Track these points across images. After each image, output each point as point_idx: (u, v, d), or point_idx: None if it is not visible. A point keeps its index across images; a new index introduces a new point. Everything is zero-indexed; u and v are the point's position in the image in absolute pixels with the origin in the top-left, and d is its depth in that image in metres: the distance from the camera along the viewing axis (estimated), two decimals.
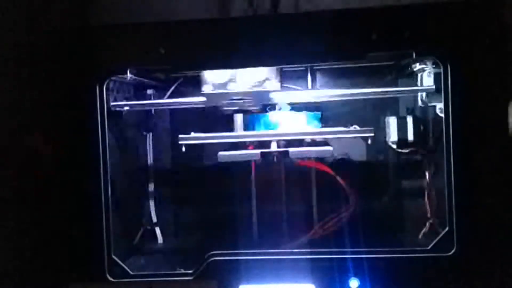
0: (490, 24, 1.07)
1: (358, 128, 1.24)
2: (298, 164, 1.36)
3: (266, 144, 1.26)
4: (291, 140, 1.27)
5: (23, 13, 1.20)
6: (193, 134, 1.26)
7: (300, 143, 1.28)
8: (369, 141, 1.21)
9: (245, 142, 1.31)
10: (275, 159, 1.27)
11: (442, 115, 1.17)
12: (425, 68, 1.23)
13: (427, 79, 1.24)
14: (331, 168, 1.36)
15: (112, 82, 1.28)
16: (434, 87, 1.22)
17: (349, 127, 1.26)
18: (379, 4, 1.11)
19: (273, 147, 1.25)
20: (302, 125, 1.30)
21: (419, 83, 1.28)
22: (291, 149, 1.22)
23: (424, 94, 1.28)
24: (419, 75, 1.28)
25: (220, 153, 1.24)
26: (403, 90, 1.35)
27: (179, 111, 1.50)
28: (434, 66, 1.21)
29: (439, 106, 1.19)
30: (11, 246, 1.16)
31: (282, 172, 1.43)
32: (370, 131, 1.21)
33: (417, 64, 1.25)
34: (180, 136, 1.25)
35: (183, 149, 1.24)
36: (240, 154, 1.26)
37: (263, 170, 1.41)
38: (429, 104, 1.27)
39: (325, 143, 1.29)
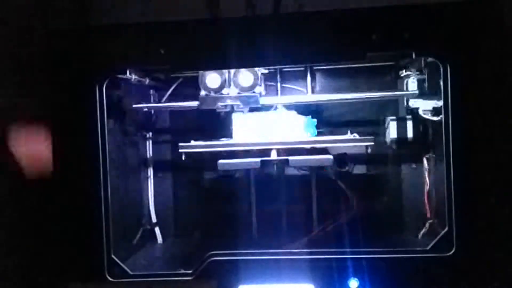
0: (490, 24, 1.07)
1: (357, 136, 1.24)
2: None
3: (266, 151, 1.26)
4: (291, 148, 1.27)
5: (23, 13, 1.20)
6: (193, 142, 1.26)
7: (299, 150, 1.28)
8: (369, 150, 1.21)
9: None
10: (275, 167, 1.27)
11: (425, 116, 1.26)
12: (410, 75, 1.30)
13: (411, 84, 1.31)
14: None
15: (129, 84, 1.30)
16: (417, 91, 1.27)
17: (348, 133, 1.26)
18: (379, 4, 1.11)
19: (273, 155, 1.25)
20: (300, 130, 1.29)
21: (405, 88, 1.33)
22: (291, 158, 1.22)
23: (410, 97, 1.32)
24: (405, 80, 1.33)
25: (220, 161, 1.24)
26: (391, 94, 1.37)
27: (179, 111, 1.50)
28: (417, 73, 1.28)
29: (422, 108, 1.27)
30: (11, 245, 1.16)
31: (282, 175, 1.43)
32: (370, 140, 1.20)
33: (404, 71, 1.31)
34: (180, 144, 1.25)
35: (183, 157, 1.24)
36: (240, 163, 1.26)
37: (263, 173, 1.40)
38: (412, 106, 1.31)
39: (325, 150, 1.28)
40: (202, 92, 1.28)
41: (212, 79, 1.26)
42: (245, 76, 1.26)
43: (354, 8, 1.12)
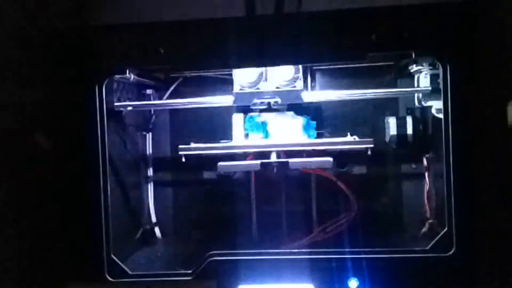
0: (490, 24, 1.07)
1: (357, 139, 1.23)
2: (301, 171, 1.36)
3: (266, 153, 1.26)
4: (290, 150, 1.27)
5: (23, 13, 1.20)
6: (193, 145, 1.26)
7: (299, 152, 1.28)
8: (369, 152, 1.21)
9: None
10: (274, 170, 1.27)
11: (438, 115, 1.20)
12: (422, 70, 1.26)
13: (423, 80, 1.26)
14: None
15: (116, 83, 1.28)
16: (430, 88, 1.25)
17: (348, 135, 1.26)
18: (379, 4, 1.11)
19: (273, 158, 1.24)
20: (299, 131, 1.29)
21: (415, 84, 1.30)
22: (291, 160, 1.22)
23: (420, 94, 1.30)
24: (416, 76, 1.30)
25: (220, 163, 1.24)
26: (401, 91, 1.36)
27: (179, 111, 1.50)
28: (430, 67, 1.24)
29: (435, 106, 1.22)
30: (11, 246, 1.16)
31: (281, 177, 1.43)
32: (369, 142, 1.20)
33: (414, 65, 1.27)
34: (180, 146, 1.25)
35: (183, 159, 1.24)
36: (240, 165, 1.26)
37: (263, 175, 1.40)
38: (425, 104, 1.28)
39: (324, 152, 1.28)
40: (236, 88, 1.25)
41: (247, 72, 1.23)
42: (283, 69, 1.22)
43: (354, 8, 1.12)
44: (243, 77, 1.25)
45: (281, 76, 1.24)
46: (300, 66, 1.25)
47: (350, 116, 1.45)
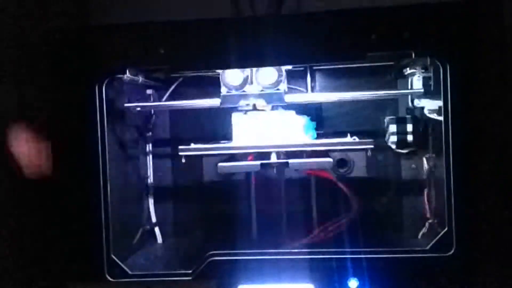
0: (490, 24, 1.07)
1: (357, 139, 1.24)
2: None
3: (265, 153, 1.26)
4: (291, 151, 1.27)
5: (23, 13, 1.20)
6: (193, 145, 1.26)
7: (299, 153, 1.28)
8: (369, 153, 1.21)
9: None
10: (274, 170, 1.27)
11: (430, 115, 1.23)
12: (415, 72, 1.29)
13: (416, 83, 1.29)
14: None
15: (126, 84, 1.29)
16: (422, 90, 1.26)
17: (348, 136, 1.26)
18: (379, 4, 1.11)
19: (273, 158, 1.25)
20: (300, 131, 1.29)
21: (409, 86, 1.33)
22: (290, 161, 1.22)
23: (414, 96, 1.33)
24: (409, 78, 1.33)
25: (220, 164, 1.23)
26: (396, 92, 1.37)
27: (178, 112, 1.50)
28: (423, 70, 1.27)
29: (427, 107, 1.25)
30: (10, 246, 1.16)
31: (281, 176, 1.43)
32: (369, 143, 1.20)
33: (408, 68, 1.30)
34: (180, 147, 1.25)
35: (183, 160, 1.24)
36: (240, 166, 1.26)
37: (263, 175, 1.40)
38: (417, 106, 1.30)
39: (325, 153, 1.28)
40: (223, 90, 1.27)
41: (233, 76, 1.25)
42: (268, 73, 1.25)
43: (354, 8, 1.12)
44: (230, 80, 1.27)
45: (265, 80, 1.26)
46: (284, 70, 1.26)
47: (350, 116, 1.45)
